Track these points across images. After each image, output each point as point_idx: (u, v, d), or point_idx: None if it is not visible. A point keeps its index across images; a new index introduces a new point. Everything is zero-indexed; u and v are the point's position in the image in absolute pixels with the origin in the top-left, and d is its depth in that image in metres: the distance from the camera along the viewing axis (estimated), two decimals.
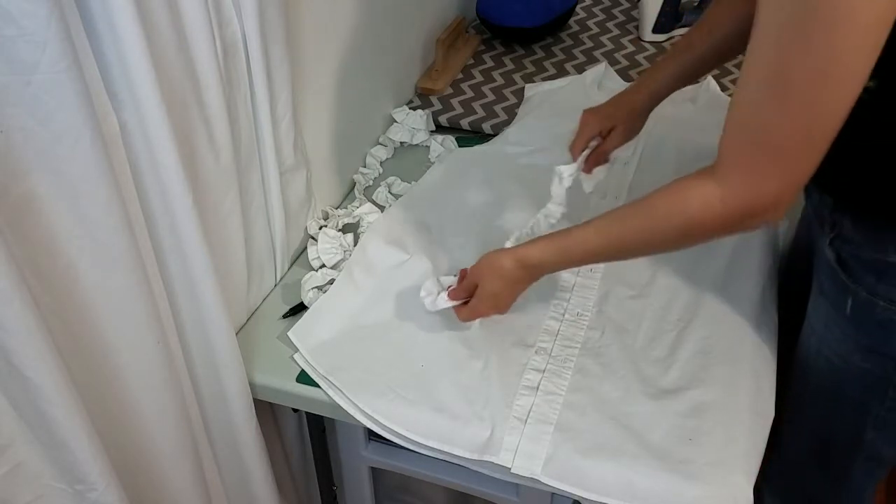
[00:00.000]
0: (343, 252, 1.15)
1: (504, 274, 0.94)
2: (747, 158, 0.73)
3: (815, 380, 0.98)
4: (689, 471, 0.86)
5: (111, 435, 0.82)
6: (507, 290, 0.96)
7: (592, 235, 0.88)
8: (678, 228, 0.80)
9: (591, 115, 1.10)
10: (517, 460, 0.89)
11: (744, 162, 0.73)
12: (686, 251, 1.11)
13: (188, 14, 0.81)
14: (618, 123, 1.09)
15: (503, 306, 0.98)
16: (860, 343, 0.89)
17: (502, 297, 0.97)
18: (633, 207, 0.85)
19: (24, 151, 0.68)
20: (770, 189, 0.73)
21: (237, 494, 1.08)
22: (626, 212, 0.86)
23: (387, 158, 1.41)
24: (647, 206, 0.83)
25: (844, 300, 0.88)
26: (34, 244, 0.71)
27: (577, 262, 0.95)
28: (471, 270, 0.99)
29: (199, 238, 0.86)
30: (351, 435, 1.14)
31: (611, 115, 1.09)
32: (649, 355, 0.99)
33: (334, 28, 1.19)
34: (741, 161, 0.74)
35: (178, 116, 0.82)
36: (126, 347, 0.82)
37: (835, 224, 0.88)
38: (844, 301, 0.88)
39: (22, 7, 0.61)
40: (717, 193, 0.75)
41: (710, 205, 0.76)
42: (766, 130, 0.70)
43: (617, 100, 1.11)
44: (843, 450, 1.00)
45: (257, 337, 1.08)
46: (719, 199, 0.75)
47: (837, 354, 0.92)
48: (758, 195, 0.74)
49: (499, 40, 1.70)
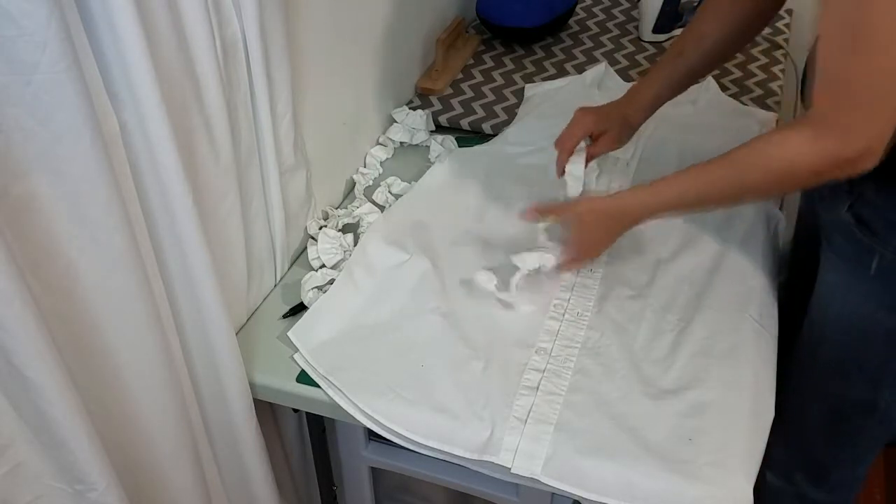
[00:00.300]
0: (343, 252, 1.15)
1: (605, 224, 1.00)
2: (840, 111, 0.77)
3: (834, 346, 1.00)
4: (689, 471, 0.86)
5: (111, 435, 0.82)
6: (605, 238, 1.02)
7: (691, 186, 0.92)
8: (775, 178, 0.85)
9: (587, 115, 1.10)
10: (517, 460, 0.89)
11: (837, 114, 0.78)
12: (685, 247, 1.13)
13: (188, 14, 0.81)
14: (609, 130, 1.10)
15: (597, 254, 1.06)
16: (884, 301, 0.92)
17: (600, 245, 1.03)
18: (728, 159, 0.88)
19: (24, 151, 0.68)
20: (862, 138, 0.77)
21: (237, 494, 1.08)
22: (720, 164, 0.89)
23: (387, 158, 1.41)
24: (743, 157, 0.87)
25: (869, 261, 0.91)
26: (34, 244, 0.71)
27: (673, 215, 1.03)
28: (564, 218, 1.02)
29: (199, 238, 0.86)
30: (351, 435, 1.14)
31: (604, 119, 1.10)
32: (649, 355, 0.99)
33: (334, 28, 1.19)
34: (834, 113, 0.78)
35: (178, 116, 0.82)
36: (126, 347, 0.82)
37: (853, 191, 0.92)
38: (869, 262, 0.92)
39: (22, 7, 0.61)
40: (813, 145, 0.80)
41: (807, 155, 0.80)
42: (855, 84, 0.75)
43: (611, 107, 1.12)
44: (857, 415, 1.03)
45: (257, 337, 1.08)
46: (816, 151, 0.80)
47: (860, 316, 0.95)
48: (851, 144, 0.78)
49: (499, 40, 1.70)
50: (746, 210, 1.19)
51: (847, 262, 0.95)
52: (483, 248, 1.16)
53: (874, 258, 0.91)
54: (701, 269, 1.11)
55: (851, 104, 0.76)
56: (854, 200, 0.92)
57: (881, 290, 0.92)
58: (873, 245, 0.91)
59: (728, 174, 0.89)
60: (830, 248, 0.99)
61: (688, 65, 1.08)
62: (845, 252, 0.96)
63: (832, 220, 0.98)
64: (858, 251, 0.93)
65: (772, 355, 1.00)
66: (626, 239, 1.17)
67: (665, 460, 0.87)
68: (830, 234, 0.99)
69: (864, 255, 0.92)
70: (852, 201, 0.93)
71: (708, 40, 1.06)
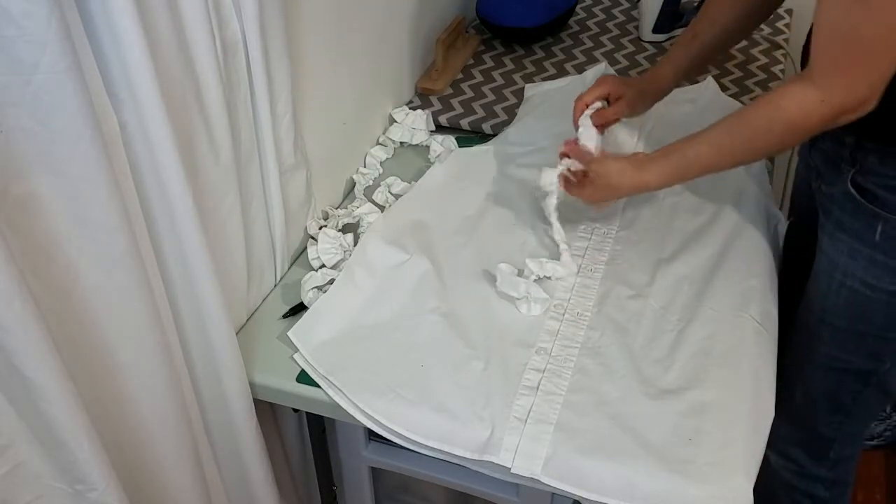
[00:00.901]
0: (343, 252, 1.15)
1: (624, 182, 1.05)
2: (841, 61, 0.83)
3: (837, 314, 1.03)
4: (689, 471, 0.86)
5: (111, 435, 0.82)
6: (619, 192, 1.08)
7: (706, 149, 0.98)
8: (782, 131, 0.90)
9: (608, 78, 1.21)
10: (517, 460, 0.89)
11: (838, 64, 0.84)
12: (685, 247, 1.13)
13: (188, 14, 0.81)
14: (626, 96, 1.17)
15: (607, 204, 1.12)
16: (889, 265, 0.95)
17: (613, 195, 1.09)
18: (738, 119, 0.95)
19: (24, 151, 0.68)
20: (863, 85, 0.83)
21: (237, 494, 1.08)
22: (732, 123, 0.95)
23: (387, 158, 1.41)
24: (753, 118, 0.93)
25: (873, 228, 0.96)
26: (34, 244, 0.71)
27: (690, 177, 1.06)
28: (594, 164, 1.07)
29: (199, 238, 0.86)
30: (351, 435, 1.14)
31: (622, 84, 1.18)
32: (649, 355, 0.99)
33: (334, 28, 1.19)
34: (836, 64, 0.84)
35: (178, 116, 0.82)
36: (126, 347, 0.82)
37: (855, 161, 0.97)
38: (873, 229, 0.96)
39: (22, 7, 0.61)
40: (815, 95, 0.85)
41: (810, 106, 0.86)
42: (856, 33, 0.80)
43: (631, 79, 1.21)
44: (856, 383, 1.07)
45: (257, 337, 1.08)
46: (819, 101, 0.85)
47: (864, 283, 0.99)
48: (853, 92, 0.84)
49: (499, 40, 1.70)
50: (746, 210, 1.20)
51: (848, 233, 0.99)
52: (483, 248, 1.16)
53: (878, 225, 0.95)
54: (701, 269, 1.11)
55: (854, 58, 0.82)
56: (856, 171, 0.96)
57: (885, 256, 0.96)
58: (877, 212, 0.95)
59: (740, 134, 0.94)
60: (829, 222, 1.03)
61: (702, 46, 1.15)
62: (846, 223, 0.99)
63: (832, 193, 1.01)
64: (860, 221, 0.97)
65: (772, 355, 1.00)
66: (627, 239, 1.17)
67: (665, 460, 0.87)
68: (829, 207, 1.02)
69: (866, 224, 0.96)
70: (855, 171, 0.96)
71: (721, 21, 1.13)
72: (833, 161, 1.01)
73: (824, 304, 1.05)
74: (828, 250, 1.04)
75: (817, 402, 1.12)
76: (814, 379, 1.11)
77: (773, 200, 1.25)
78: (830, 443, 1.15)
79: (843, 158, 0.98)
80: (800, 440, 1.17)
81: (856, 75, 0.83)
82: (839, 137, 0.98)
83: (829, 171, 1.02)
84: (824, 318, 1.06)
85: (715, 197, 1.22)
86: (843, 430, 1.13)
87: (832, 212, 1.02)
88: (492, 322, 1.05)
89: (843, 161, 0.98)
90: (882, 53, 0.81)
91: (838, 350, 1.06)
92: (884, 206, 0.95)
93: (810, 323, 1.09)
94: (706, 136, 0.97)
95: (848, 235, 0.99)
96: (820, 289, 1.06)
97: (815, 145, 1.06)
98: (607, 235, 1.17)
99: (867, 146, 0.95)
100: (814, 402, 1.12)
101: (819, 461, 1.18)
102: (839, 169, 0.99)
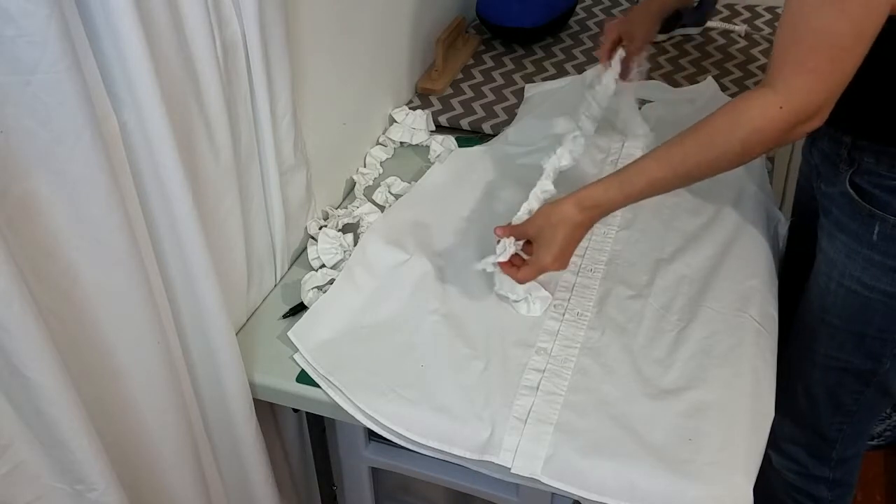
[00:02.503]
0: (343, 252, 1.15)
1: (565, 218, 0.94)
2: (806, 60, 0.82)
3: (835, 314, 1.04)
4: (689, 471, 0.86)
5: (111, 435, 0.82)
6: (569, 237, 0.95)
7: (653, 164, 0.91)
8: (740, 141, 0.86)
9: (611, 23, 1.22)
10: (517, 460, 0.89)
11: (802, 64, 0.82)
12: (685, 248, 1.13)
13: (188, 14, 0.81)
14: (635, 28, 1.20)
15: (565, 257, 0.97)
16: (887, 266, 0.96)
17: (565, 245, 0.95)
18: (691, 131, 0.89)
19: (24, 151, 0.68)
20: (822, 89, 0.82)
21: (237, 494, 1.08)
22: (685, 135, 0.90)
23: (387, 158, 1.41)
24: (706, 126, 0.88)
25: (870, 228, 0.95)
26: (34, 244, 0.71)
27: (638, 196, 0.94)
28: (526, 224, 0.98)
29: (199, 238, 0.86)
30: (351, 435, 1.14)
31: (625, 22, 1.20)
32: (649, 355, 0.99)
33: (334, 28, 1.19)
34: (800, 64, 0.82)
35: (178, 116, 0.82)
36: (126, 347, 0.82)
37: (853, 161, 0.96)
38: (870, 229, 0.96)
39: (22, 7, 0.61)
40: (775, 100, 0.83)
41: (770, 112, 0.83)
42: (824, 33, 0.79)
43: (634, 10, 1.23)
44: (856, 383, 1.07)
45: (257, 337, 1.08)
46: (778, 106, 0.83)
47: (861, 283, 0.99)
48: (812, 95, 0.82)
49: (499, 40, 1.70)
50: (746, 210, 1.20)
51: (846, 233, 0.99)
52: (483, 249, 1.16)
53: (875, 225, 0.95)
54: (701, 270, 1.11)
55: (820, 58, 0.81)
56: (854, 170, 0.96)
57: (882, 256, 0.96)
58: (874, 212, 0.95)
59: (698, 150, 0.89)
60: (828, 221, 1.03)
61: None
62: (844, 223, 0.99)
63: (831, 193, 1.01)
64: (858, 221, 0.97)
65: (772, 355, 1.00)
66: (627, 239, 1.17)
67: (665, 460, 0.87)
68: (828, 207, 1.03)
69: (864, 224, 0.96)
70: (853, 171, 0.97)
71: None
72: (832, 161, 1.01)
73: (823, 304, 1.06)
74: (827, 250, 1.04)
75: (819, 402, 1.12)
76: (814, 379, 1.11)
77: (774, 200, 1.25)
78: (833, 443, 1.15)
79: (842, 158, 0.98)
80: (802, 440, 1.17)
81: (817, 78, 0.82)
82: (837, 137, 0.98)
83: (828, 170, 1.02)
84: (823, 318, 1.06)
85: (715, 197, 1.22)
86: (846, 431, 1.13)
87: (831, 211, 1.02)
88: (492, 322, 1.05)
89: (841, 161, 0.99)
90: (848, 55, 0.80)
91: (837, 350, 1.06)
92: (881, 206, 0.95)
93: (810, 323, 1.09)
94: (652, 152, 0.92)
95: (846, 235, 1.00)
96: (819, 289, 1.06)
97: (814, 144, 1.07)
98: (607, 235, 1.17)
99: (863, 145, 0.95)
100: (815, 402, 1.13)
101: (821, 462, 1.18)
102: (837, 168, 1.00)
